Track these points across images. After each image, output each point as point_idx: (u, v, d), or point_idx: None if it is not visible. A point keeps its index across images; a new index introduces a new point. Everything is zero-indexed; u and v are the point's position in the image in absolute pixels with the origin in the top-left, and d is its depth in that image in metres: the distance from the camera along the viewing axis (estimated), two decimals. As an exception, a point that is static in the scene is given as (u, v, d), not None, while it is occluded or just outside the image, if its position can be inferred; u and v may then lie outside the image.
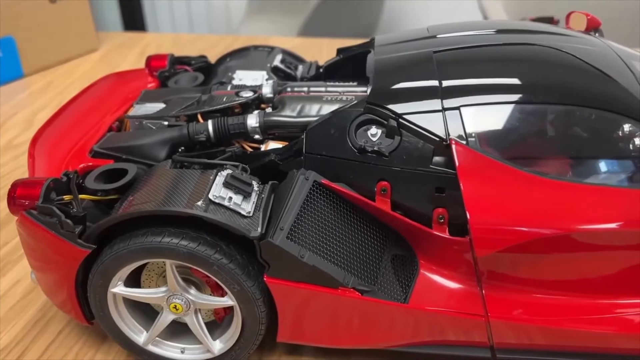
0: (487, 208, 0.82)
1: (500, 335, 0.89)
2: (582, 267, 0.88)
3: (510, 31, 1.05)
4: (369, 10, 3.76)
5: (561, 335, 0.88)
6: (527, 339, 0.89)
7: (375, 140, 0.92)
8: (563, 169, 0.87)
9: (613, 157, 0.87)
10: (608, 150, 0.88)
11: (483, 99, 0.90)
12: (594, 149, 0.88)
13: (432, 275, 0.92)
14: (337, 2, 3.55)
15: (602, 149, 0.88)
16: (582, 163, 0.88)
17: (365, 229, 0.92)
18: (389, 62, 1.00)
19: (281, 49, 1.42)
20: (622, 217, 0.83)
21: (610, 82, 0.89)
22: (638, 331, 0.86)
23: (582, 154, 0.88)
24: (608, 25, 3.13)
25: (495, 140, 0.88)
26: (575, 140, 0.88)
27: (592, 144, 0.88)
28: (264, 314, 0.89)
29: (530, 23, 1.10)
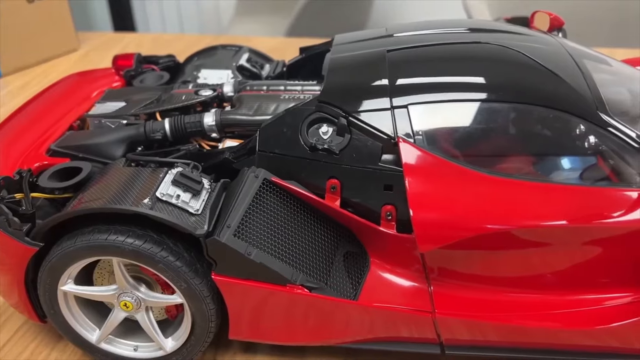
0: (431, 205, 0.82)
1: (450, 332, 0.89)
2: (529, 264, 0.89)
3: (465, 30, 1.06)
4: (357, 9, 3.76)
5: (510, 331, 0.88)
6: (476, 335, 0.89)
7: (326, 138, 0.92)
8: (509, 166, 0.88)
9: (557, 154, 0.88)
10: (552, 147, 0.89)
11: (431, 97, 0.90)
12: (537, 146, 0.89)
13: (383, 272, 0.93)
14: (325, 2, 3.56)
15: (546, 146, 0.89)
16: (527, 160, 0.88)
17: (316, 227, 0.92)
18: (342, 60, 1.01)
19: (248, 48, 1.42)
20: (566, 214, 0.83)
21: (557, 80, 0.89)
22: (584, 327, 0.86)
23: (527, 151, 0.89)
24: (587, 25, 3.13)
25: (442, 138, 0.89)
26: (520, 138, 0.89)
27: (536, 141, 0.88)
28: (214, 311, 0.89)
29: (487, 21, 1.11)
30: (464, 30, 1.05)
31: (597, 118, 0.86)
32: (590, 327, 0.86)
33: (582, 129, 0.86)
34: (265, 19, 3.71)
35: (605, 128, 0.85)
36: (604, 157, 0.87)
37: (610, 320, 0.86)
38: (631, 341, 0.88)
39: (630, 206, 0.84)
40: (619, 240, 0.86)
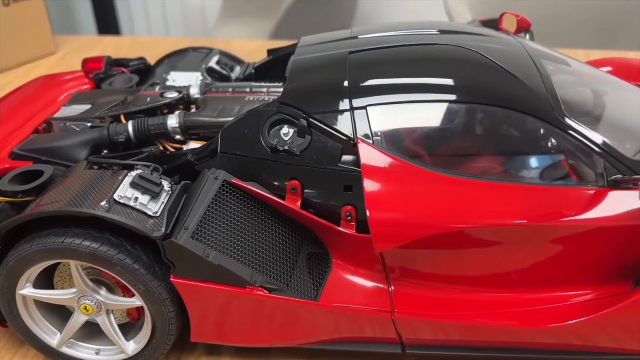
0: (387, 204, 0.83)
1: (410, 331, 0.89)
2: (488, 263, 0.89)
3: (427, 32, 1.06)
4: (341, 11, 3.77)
5: (471, 330, 0.89)
6: (436, 334, 0.90)
7: (287, 140, 0.92)
8: (466, 165, 0.89)
9: (513, 153, 0.89)
10: (508, 147, 0.90)
11: (389, 99, 0.91)
12: (494, 146, 0.90)
13: (344, 272, 0.93)
14: (309, 4, 3.56)
15: (502, 145, 0.90)
16: (484, 160, 0.89)
17: (278, 228, 0.92)
18: (304, 62, 1.01)
19: (219, 50, 1.43)
20: (522, 213, 0.84)
21: (514, 81, 0.90)
22: (545, 324, 0.87)
23: (483, 151, 0.89)
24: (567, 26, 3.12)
25: (401, 139, 0.90)
26: (476, 138, 0.90)
27: (492, 141, 0.89)
28: (173, 314, 0.88)
29: (451, 23, 1.12)
30: (426, 32, 1.05)
31: (553, 118, 0.87)
32: (551, 325, 0.87)
33: (538, 129, 0.87)
34: (250, 21, 3.71)
35: (560, 128, 0.86)
36: (560, 156, 0.87)
37: (571, 317, 0.87)
38: (591, 338, 0.89)
39: (587, 205, 0.85)
40: (577, 238, 0.87)
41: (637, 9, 2.82)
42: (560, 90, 0.92)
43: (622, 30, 2.91)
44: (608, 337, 0.88)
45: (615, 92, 1.05)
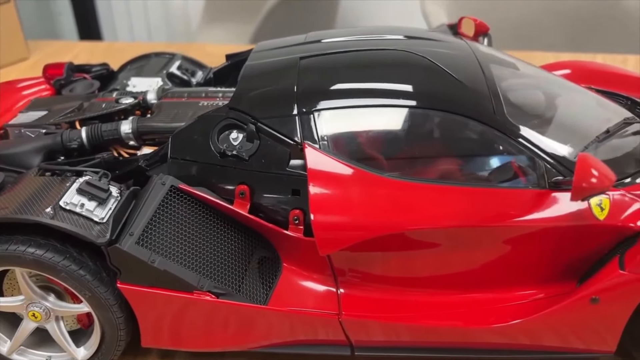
0: (330, 208, 0.84)
1: (358, 333, 0.90)
2: (435, 264, 0.91)
3: (381, 37, 1.07)
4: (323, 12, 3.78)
5: (419, 331, 0.90)
6: (384, 335, 0.91)
7: (236, 145, 0.93)
8: (411, 169, 0.90)
9: (457, 156, 0.90)
10: (451, 150, 0.91)
11: (336, 103, 0.92)
12: (437, 149, 0.91)
13: (294, 276, 0.94)
14: (291, 6, 3.57)
15: (446, 149, 0.91)
16: (428, 163, 0.90)
17: (227, 233, 0.93)
18: (256, 67, 1.02)
19: (182, 55, 1.43)
20: (465, 215, 0.85)
21: (458, 85, 0.91)
22: (493, 324, 0.88)
23: (427, 154, 0.91)
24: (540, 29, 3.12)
25: (347, 143, 0.91)
26: (420, 141, 0.91)
27: (436, 144, 0.91)
28: (122, 319, 0.89)
29: (405, 28, 1.13)
30: (378, 38, 1.07)
31: (494, 121, 0.88)
32: (499, 324, 0.88)
33: (480, 132, 0.88)
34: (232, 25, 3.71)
35: (502, 131, 0.88)
36: (502, 159, 0.89)
37: (518, 316, 0.88)
38: (539, 337, 0.90)
39: (528, 206, 0.87)
40: (521, 239, 0.89)
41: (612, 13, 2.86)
42: (505, 94, 0.94)
43: (598, 33, 2.95)
44: (554, 336, 0.89)
45: (564, 95, 1.07)
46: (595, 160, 0.78)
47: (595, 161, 0.78)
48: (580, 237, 0.88)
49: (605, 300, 0.83)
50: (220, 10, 3.67)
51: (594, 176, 0.75)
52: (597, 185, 0.76)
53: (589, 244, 0.88)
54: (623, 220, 0.86)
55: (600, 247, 0.89)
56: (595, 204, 0.86)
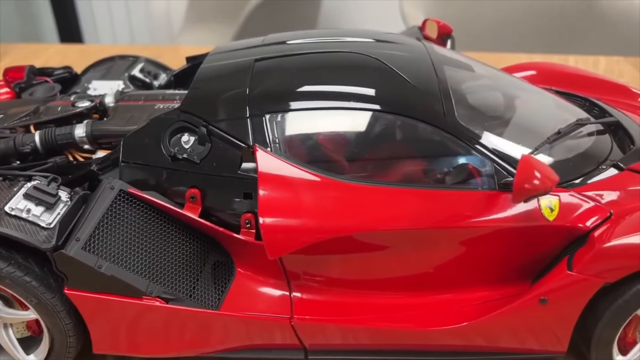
0: (279, 211, 0.83)
1: (311, 336, 0.90)
2: (387, 267, 0.91)
3: (338, 39, 1.07)
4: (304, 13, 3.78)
5: (372, 334, 0.90)
6: (337, 338, 0.90)
7: (187, 148, 0.92)
8: (361, 171, 0.89)
9: (407, 158, 0.90)
10: (401, 153, 0.91)
11: (287, 106, 0.91)
12: (387, 151, 0.90)
13: (247, 280, 0.93)
14: (272, 7, 3.57)
15: (396, 151, 0.91)
16: (379, 165, 0.90)
17: (179, 237, 0.92)
18: (210, 70, 1.01)
19: (145, 58, 1.42)
20: (416, 217, 0.85)
21: (408, 87, 0.91)
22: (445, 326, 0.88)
23: (378, 156, 0.90)
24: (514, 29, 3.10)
25: (299, 145, 0.90)
26: (371, 143, 0.90)
27: (386, 146, 0.90)
28: (70, 326, 0.87)
29: (364, 30, 1.13)
30: (335, 40, 1.06)
31: (444, 123, 0.88)
32: (453, 325, 0.88)
33: (429, 134, 0.88)
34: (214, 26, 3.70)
35: (451, 133, 0.88)
36: (452, 161, 0.89)
37: (473, 317, 0.88)
38: (493, 338, 0.90)
39: (478, 208, 0.87)
40: (474, 241, 0.89)
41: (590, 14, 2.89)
42: (458, 96, 0.94)
43: (578, 34, 2.98)
44: (506, 336, 0.89)
45: (520, 96, 1.07)
46: (538, 162, 0.78)
47: (537, 163, 0.78)
48: (531, 238, 0.88)
49: (554, 301, 0.83)
50: (202, 12, 3.66)
51: (536, 178, 0.75)
52: (540, 186, 0.76)
53: (541, 244, 0.89)
54: (573, 221, 0.86)
55: (553, 248, 0.89)
56: (545, 205, 0.87)
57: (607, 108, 1.13)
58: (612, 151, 0.98)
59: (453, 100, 0.91)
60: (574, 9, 2.99)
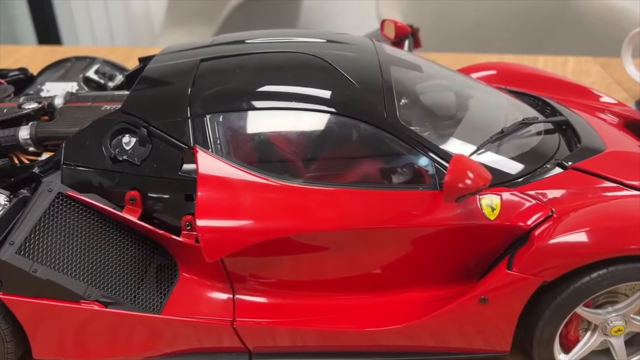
0: (217, 213, 0.82)
1: (254, 339, 0.89)
2: (329, 267, 0.90)
3: (286, 39, 1.06)
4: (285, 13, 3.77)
5: (316, 336, 0.89)
6: (282, 341, 0.89)
7: (128, 149, 0.91)
8: (303, 171, 0.89)
9: (348, 159, 0.90)
10: (342, 153, 0.90)
11: (229, 106, 0.90)
12: (329, 151, 0.90)
13: (191, 283, 0.92)
14: (251, 7, 3.55)
15: (337, 151, 0.90)
16: (320, 165, 0.89)
17: (121, 240, 0.91)
18: (154, 70, 1.00)
19: (102, 59, 1.40)
20: (356, 217, 0.85)
21: (351, 88, 0.91)
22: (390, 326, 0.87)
23: (320, 156, 0.90)
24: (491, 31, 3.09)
25: (240, 146, 0.89)
26: (313, 143, 0.90)
27: (327, 147, 0.90)
28: (8, 331, 0.86)
29: (313, 31, 1.13)
30: (283, 40, 1.05)
31: (386, 123, 0.88)
32: (398, 325, 0.87)
33: (371, 135, 0.88)
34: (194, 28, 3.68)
35: (393, 133, 0.87)
36: (394, 161, 0.89)
37: (416, 317, 0.88)
38: (437, 337, 0.89)
39: (420, 207, 0.86)
40: (416, 241, 0.88)
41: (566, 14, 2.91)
42: (402, 96, 0.94)
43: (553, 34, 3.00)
44: (450, 336, 0.89)
45: (470, 96, 1.07)
46: (470, 161, 0.78)
47: (469, 162, 0.78)
48: (473, 237, 0.88)
49: (494, 300, 0.83)
50: (182, 13, 3.64)
51: (467, 177, 0.75)
52: (471, 185, 0.76)
53: (484, 244, 0.89)
54: (514, 220, 0.86)
55: (496, 247, 0.89)
56: (486, 204, 0.87)
57: (559, 107, 1.14)
58: (558, 150, 0.98)
59: (396, 101, 0.91)
60: (550, 10, 3.01)
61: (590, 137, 1.02)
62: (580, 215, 0.84)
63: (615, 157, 0.98)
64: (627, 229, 0.81)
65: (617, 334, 0.87)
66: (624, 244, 0.80)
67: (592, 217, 0.84)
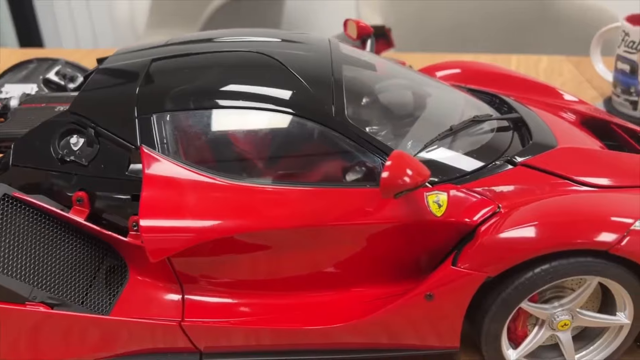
0: (161, 213, 0.82)
1: (204, 339, 0.88)
2: (278, 266, 0.90)
3: (240, 38, 1.06)
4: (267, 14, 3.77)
5: (268, 335, 0.88)
6: (231, 340, 0.89)
7: (76, 150, 0.91)
8: (251, 170, 0.89)
9: (296, 157, 0.90)
10: (290, 151, 0.90)
11: (177, 106, 0.90)
12: (276, 149, 0.90)
13: (140, 284, 0.92)
14: (234, 9, 3.55)
15: (285, 149, 0.90)
16: (267, 164, 0.89)
17: (70, 242, 0.90)
18: (106, 71, 1.00)
19: (65, 61, 1.40)
20: (303, 216, 0.85)
21: (301, 86, 0.91)
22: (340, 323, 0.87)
23: (267, 155, 0.90)
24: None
25: (187, 146, 0.89)
26: (260, 142, 0.90)
27: (275, 145, 0.90)
28: (-47, 334, 0.86)
29: (271, 30, 1.13)
30: (236, 40, 1.06)
31: (334, 122, 0.88)
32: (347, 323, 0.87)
33: (319, 134, 0.88)
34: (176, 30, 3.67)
35: (340, 132, 0.87)
36: (342, 159, 0.89)
37: (366, 314, 0.88)
38: (389, 334, 0.89)
39: (368, 205, 0.86)
40: (365, 238, 0.88)
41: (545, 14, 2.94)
42: (353, 96, 0.94)
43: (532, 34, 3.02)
44: (401, 332, 0.89)
45: (424, 95, 1.08)
46: (408, 157, 0.78)
47: (407, 158, 0.78)
48: (422, 234, 0.88)
49: (439, 296, 0.83)
50: (165, 14, 3.64)
51: (405, 174, 0.76)
52: (409, 182, 0.76)
53: (432, 240, 0.89)
54: (461, 216, 0.87)
55: (445, 244, 0.89)
56: (433, 201, 0.87)
57: (515, 105, 1.14)
58: (510, 147, 0.99)
59: (345, 100, 0.91)
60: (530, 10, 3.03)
61: (542, 134, 1.03)
62: (525, 211, 0.84)
63: (566, 154, 0.99)
64: (569, 224, 0.82)
65: (563, 329, 0.88)
66: (565, 239, 0.80)
67: (536, 212, 0.84)
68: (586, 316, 0.88)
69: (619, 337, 0.89)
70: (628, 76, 1.77)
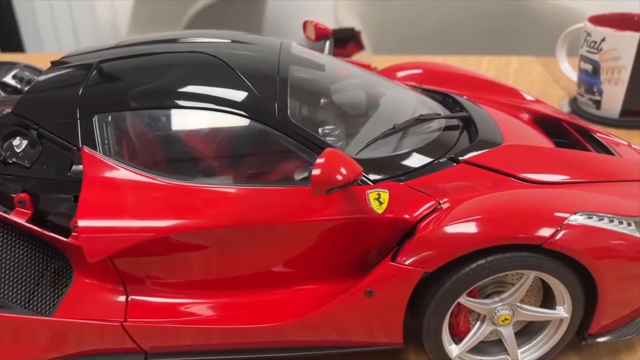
0: (99, 213, 0.82)
1: (147, 339, 0.88)
2: (219, 266, 0.90)
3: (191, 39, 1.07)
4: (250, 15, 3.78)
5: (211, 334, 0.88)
6: (177, 340, 0.89)
7: (18, 152, 0.91)
8: (193, 170, 0.89)
9: (237, 156, 0.91)
10: (231, 150, 0.91)
11: (118, 107, 0.90)
12: (217, 149, 0.90)
13: (84, 285, 0.91)
14: (216, 11, 3.55)
15: (226, 149, 0.91)
16: (209, 164, 0.90)
17: (14, 244, 0.90)
18: (52, 72, 1.00)
19: (23, 64, 1.39)
20: (243, 214, 0.85)
21: (244, 86, 0.91)
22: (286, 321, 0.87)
23: (209, 154, 0.90)
24: None
25: (129, 146, 0.89)
26: (202, 142, 0.90)
27: (216, 145, 0.90)
28: None
29: (220, 32, 1.14)
30: (186, 41, 1.06)
31: (276, 122, 0.88)
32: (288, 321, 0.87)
33: (261, 133, 0.89)
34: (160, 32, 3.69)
35: (282, 131, 0.88)
36: (283, 158, 0.89)
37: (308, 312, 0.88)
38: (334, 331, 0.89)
39: (309, 203, 0.87)
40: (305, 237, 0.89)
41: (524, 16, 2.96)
42: (297, 96, 0.95)
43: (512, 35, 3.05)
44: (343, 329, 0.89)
45: (377, 94, 1.09)
46: (339, 155, 0.79)
47: (339, 156, 0.79)
48: (364, 231, 0.89)
49: (379, 293, 0.83)
50: (147, 17, 3.64)
51: (338, 172, 0.76)
52: (342, 180, 0.76)
53: (375, 237, 0.89)
54: (402, 213, 0.87)
55: (387, 241, 0.90)
56: (374, 198, 0.88)
57: (467, 104, 1.15)
58: (456, 145, 1.00)
59: (289, 100, 0.91)
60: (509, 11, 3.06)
61: (489, 132, 1.04)
62: (463, 207, 0.85)
63: (510, 151, 1.00)
64: (504, 219, 0.83)
65: (504, 324, 0.89)
66: (499, 234, 0.81)
67: (473, 208, 0.85)
68: (526, 310, 0.89)
69: (559, 331, 0.90)
70: (590, 76, 1.79)
